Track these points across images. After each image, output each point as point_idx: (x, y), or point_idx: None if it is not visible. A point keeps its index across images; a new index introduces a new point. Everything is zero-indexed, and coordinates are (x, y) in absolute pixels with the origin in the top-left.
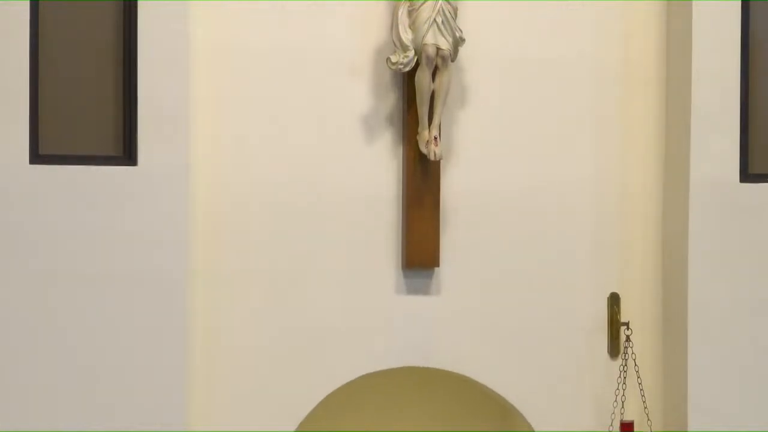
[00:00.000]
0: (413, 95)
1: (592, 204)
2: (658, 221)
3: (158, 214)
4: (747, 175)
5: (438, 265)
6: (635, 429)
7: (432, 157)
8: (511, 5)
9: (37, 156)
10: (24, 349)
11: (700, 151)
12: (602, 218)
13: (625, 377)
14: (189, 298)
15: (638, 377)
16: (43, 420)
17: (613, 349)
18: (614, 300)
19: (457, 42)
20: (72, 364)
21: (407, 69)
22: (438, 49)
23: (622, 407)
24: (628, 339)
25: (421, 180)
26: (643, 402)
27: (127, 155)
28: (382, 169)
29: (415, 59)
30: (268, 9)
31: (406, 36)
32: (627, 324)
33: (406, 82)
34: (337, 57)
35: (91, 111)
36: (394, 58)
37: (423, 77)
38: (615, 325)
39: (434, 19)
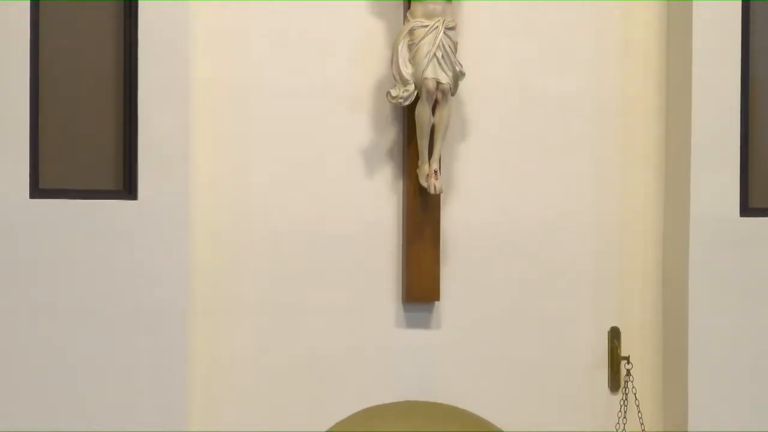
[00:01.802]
0: (413, 129)
1: (592, 237)
2: (659, 255)
3: (158, 247)
4: (747, 209)
5: (438, 299)
6: None
7: (432, 191)
8: (511, 39)
9: (37, 190)
10: (25, 381)
11: (700, 185)
12: (602, 252)
13: (625, 411)
14: (189, 329)
15: (639, 411)
16: None
17: (614, 384)
18: (614, 334)
19: (457, 76)
20: (73, 396)
21: (407, 103)
22: (438, 83)
23: None
24: (628, 373)
25: (422, 213)
26: None
27: (128, 189)
28: (382, 202)
29: (415, 93)
30: (268, 43)
31: (406, 70)
32: (627, 358)
33: (406, 115)
34: (338, 90)
35: (91, 145)
36: (394, 92)
37: (423, 111)
38: (615, 359)
39: (434, 54)
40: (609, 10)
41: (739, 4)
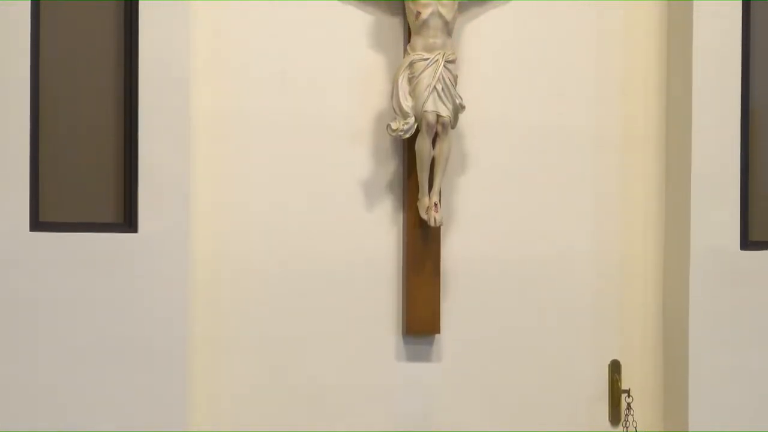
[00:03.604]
0: (413, 161)
1: (592, 271)
2: (659, 288)
3: (158, 280)
4: (747, 242)
5: (439, 332)
6: None
7: (432, 223)
8: (511, 73)
9: (37, 223)
10: (25, 417)
11: (700, 219)
12: (603, 285)
13: None
14: (189, 363)
15: None
16: None
17: (614, 417)
18: (615, 367)
19: (458, 109)
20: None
21: (407, 136)
22: (438, 116)
23: None
24: (629, 406)
25: (422, 246)
26: None
27: (128, 222)
28: (382, 235)
29: (415, 126)
30: (268, 76)
31: (407, 103)
32: (628, 391)
33: (407, 148)
34: (338, 123)
35: (92, 178)
36: (394, 125)
37: (423, 144)
38: (616, 392)
39: (434, 87)
40: (610, 42)
41: (739, 33)
